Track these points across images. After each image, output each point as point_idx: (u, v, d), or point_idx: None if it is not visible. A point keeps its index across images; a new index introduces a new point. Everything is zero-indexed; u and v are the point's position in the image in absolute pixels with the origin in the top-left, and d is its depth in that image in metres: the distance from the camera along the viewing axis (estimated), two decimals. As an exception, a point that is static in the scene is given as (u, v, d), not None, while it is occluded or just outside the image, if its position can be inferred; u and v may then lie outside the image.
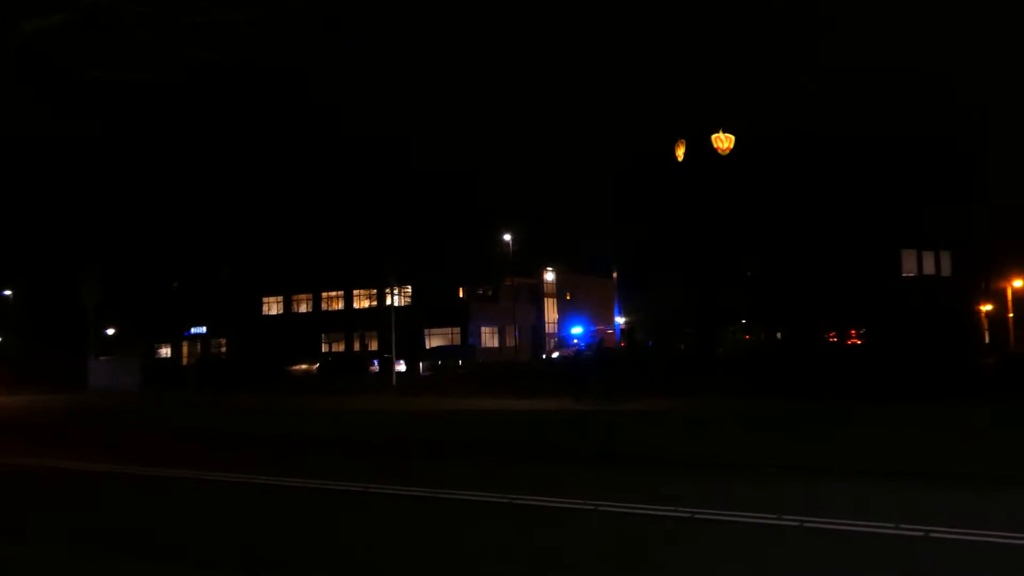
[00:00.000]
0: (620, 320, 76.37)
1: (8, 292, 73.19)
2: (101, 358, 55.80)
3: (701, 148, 54.03)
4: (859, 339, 50.91)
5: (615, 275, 74.53)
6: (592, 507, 9.66)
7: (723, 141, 53.35)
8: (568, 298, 77.95)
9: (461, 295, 71.40)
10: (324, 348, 72.29)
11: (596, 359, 27.77)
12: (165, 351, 79.75)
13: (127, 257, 67.22)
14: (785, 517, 8.93)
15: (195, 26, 5.58)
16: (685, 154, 56.67)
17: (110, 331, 69.65)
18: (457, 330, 69.20)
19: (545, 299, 76.75)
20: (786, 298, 49.64)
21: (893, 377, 27.06)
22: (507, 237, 68.45)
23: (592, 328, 60.20)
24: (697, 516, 9.15)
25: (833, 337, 52.06)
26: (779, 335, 53.74)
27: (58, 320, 67.75)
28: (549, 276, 76.53)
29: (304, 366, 58.53)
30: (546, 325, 76.56)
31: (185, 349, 71.44)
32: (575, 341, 58.52)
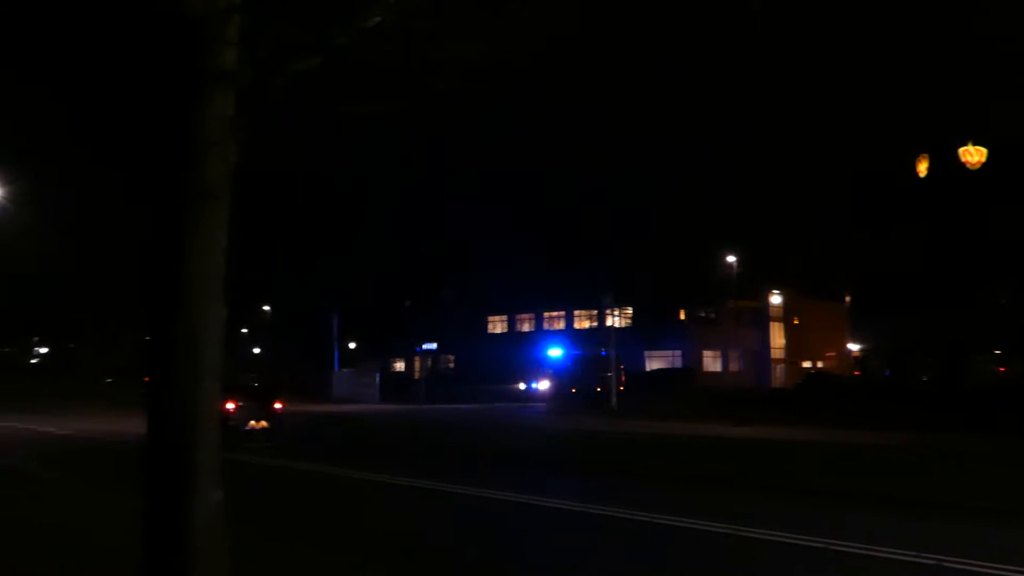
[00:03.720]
0: (853, 347, 71.77)
1: (267, 307, 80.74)
2: (344, 370, 60.18)
3: (947, 162, 49.95)
4: None
5: (848, 299, 70.26)
6: (934, 562, 8.75)
7: (973, 155, 49.04)
8: (796, 323, 74.38)
9: (682, 317, 70.20)
10: (545, 367, 73.64)
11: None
12: (399, 365, 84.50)
13: (367, 277, 72.14)
14: None
15: (434, 60, 5.98)
16: (928, 169, 52.63)
17: (351, 345, 74.97)
18: (678, 353, 68.04)
19: (771, 323, 73.71)
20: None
21: None
22: (731, 258, 66.50)
23: (576, 353, 56.60)
24: None
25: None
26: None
27: (307, 334, 73.93)
28: (775, 299, 73.42)
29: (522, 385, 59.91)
30: (771, 350, 73.48)
31: (417, 364, 75.41)
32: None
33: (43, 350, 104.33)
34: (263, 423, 23.24)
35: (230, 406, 22.89)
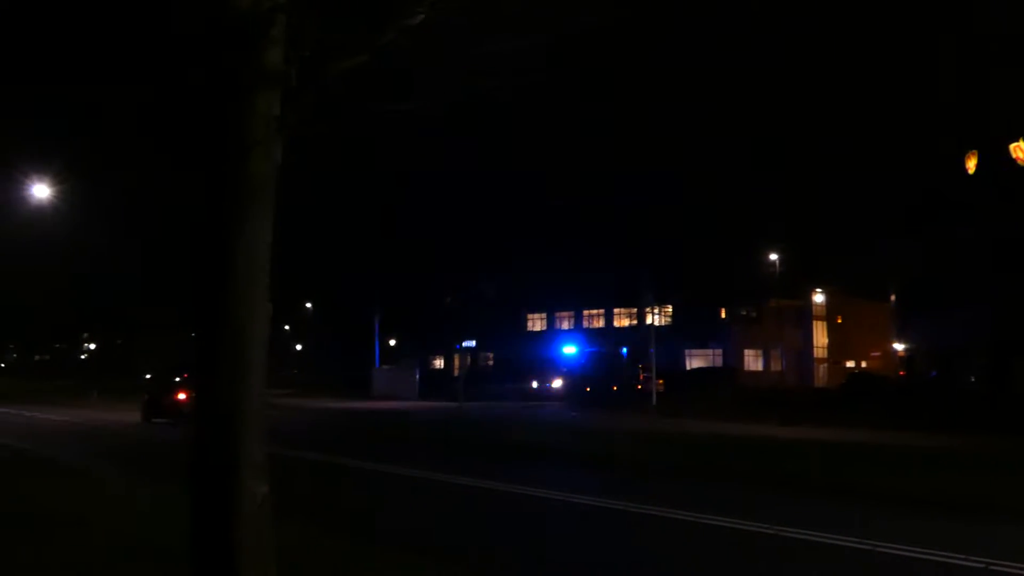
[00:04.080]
0: (899, 347, 70.54)
1: (308, 305, 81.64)
2: (384, 367, 60.60)
3: (997, 159, 48.81)
4: None
5: (893, 298, 69.09)
6: (983, 565, 8.59)
7: (1024, 151, 47.83)
8: (839, 321, 73.30)
9: (723, 316, 69.56)
10: (584, 365, 73.32)
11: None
12: (438, 362, 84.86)
13: (407, 274, 72.59)
14: None
15: (477, 58, 5.99)
16: (977, 166, 51.50)
17: (392, 342, 75.44)
18: (719, 351, 67.44)
19: (814, 322, 72.74)
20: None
21: None
22: (773, 256, 65.73)
23: (591, 350, 56.07)
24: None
25: None
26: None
27: (348, 331, 74.61)
28: (818, 298, 72.45)
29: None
30: (814, 349, 72.53)
31: (456, 361, 75.70)
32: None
33: (92, 346, 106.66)
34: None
35: (182, 396, 28.44)
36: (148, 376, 79.80)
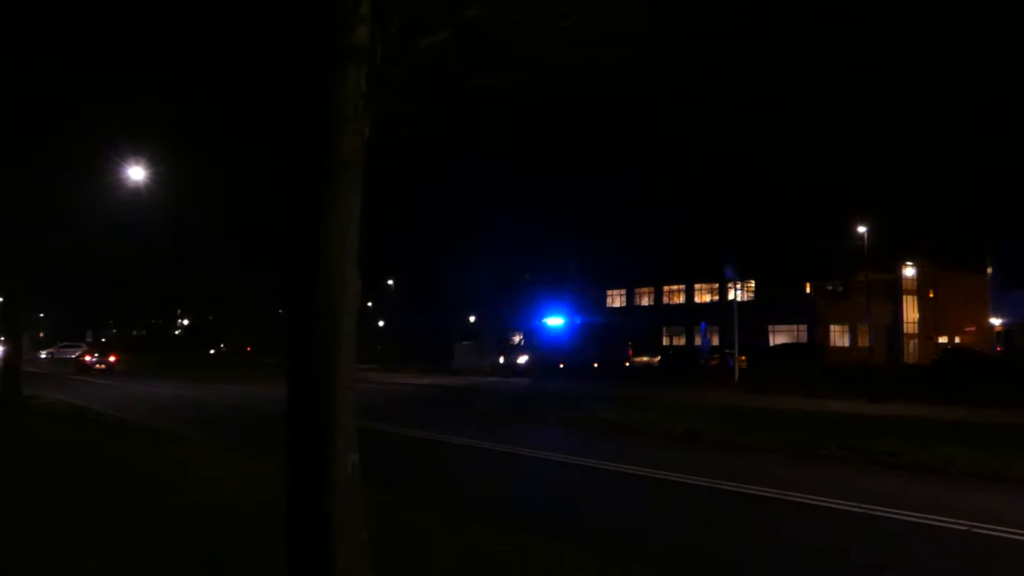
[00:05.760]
0: (995, 322, 67.70)
1: (390, 282, 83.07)
2: (464, 343, 61.23)
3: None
4: None
5: (989, 271, 66.33)
6: None
7: None
8: (931, 295, 70.75)
9: (808, 291, 67.89)
10: (665, 341, 72.73)
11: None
12: (517, 338, 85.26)
13: (486, 251, 73.13)
14: None
15: (561, 30, 5.97)
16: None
17: (471, 318, 76.10)
18: (803, 327, 65.88)
19: (904, 296, 70.35)
20: None
21: None
22: (861, 229, 63.69)
23: (582, 320, 54.37)
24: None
25: None
26: None
27: (430, 308, 75.64)
28: (909, 271, 70.01)
29: (645, 358, 59.46)
30: (904, 324, 70.21)
31: (536, 337, 75.96)
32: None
33: (185, 322, 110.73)
34: (102, 365, 48.98)
35: (88, 358, 49.57)
36: (212, 351, 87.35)
